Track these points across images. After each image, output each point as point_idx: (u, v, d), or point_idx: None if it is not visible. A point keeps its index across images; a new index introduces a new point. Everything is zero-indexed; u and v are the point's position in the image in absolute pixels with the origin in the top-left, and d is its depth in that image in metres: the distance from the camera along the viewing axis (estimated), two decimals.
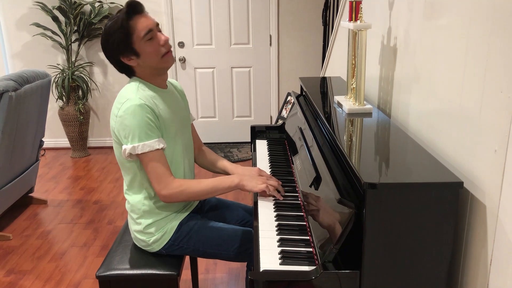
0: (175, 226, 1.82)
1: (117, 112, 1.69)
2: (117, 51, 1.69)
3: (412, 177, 1.25)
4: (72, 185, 4.06)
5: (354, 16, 1.78)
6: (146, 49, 1.68)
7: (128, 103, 1.66)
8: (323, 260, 1.28)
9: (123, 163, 1.78)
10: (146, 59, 1.70)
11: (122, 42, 1.66)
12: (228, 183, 1.76)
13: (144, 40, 1.67)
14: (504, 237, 1.12)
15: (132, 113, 1.64)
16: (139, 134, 1.65)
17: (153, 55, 1.69)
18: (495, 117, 1.15)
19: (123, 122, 1.66)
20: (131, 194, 1.84)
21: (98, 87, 4.86)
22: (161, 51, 1.70)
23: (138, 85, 1.74)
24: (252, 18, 4.75)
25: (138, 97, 1.68)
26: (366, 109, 1.84)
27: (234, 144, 5.02)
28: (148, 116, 1.66)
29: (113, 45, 1.68)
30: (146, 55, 1.69)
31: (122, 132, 1.68)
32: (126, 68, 1.76)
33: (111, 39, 1.67)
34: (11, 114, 2.90)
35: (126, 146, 1.68)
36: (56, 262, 2.86)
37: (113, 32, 1.66)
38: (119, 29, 1.65)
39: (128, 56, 1.70)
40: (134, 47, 1.68)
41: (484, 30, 1.20)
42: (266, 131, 2.54)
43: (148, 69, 1.74)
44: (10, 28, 4.69)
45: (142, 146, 1.66)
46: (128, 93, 1.71)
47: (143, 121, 1.65)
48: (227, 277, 2.68)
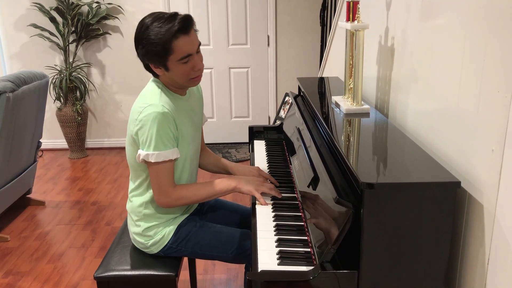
0: (173, 229, 1.82)
1: (138, 115, 1.66)
2: (148, 58, 1.66)
3: (410, 177, 1.25)
4: (70, 186, 4.06)
5: (352, 16, 1.78)
6: (178, 69, 1.65)
7: (151, 109, 1.64)
8: (321, 260, 1.28)
9: (133, 165, 1.78)
10: (174, 76, 1.68)
11: (157, 55, 1.62)
12: (225, 187, 1.77)
13: (179, 62, 1.64)
14: (502, 236, 1.12)
15: (154, 120, 1.62)
16: (156, 142, 1.64)
17: (182, 76, 1.67)
18: (492, 116, 1.15)
19: (143, 127, 1.65)
20: (135, 195, 1.83)
21: (96, 88, 4.85)
22: (190, 75, 1.68)
23: (160, 90, 1.71)
24: (250, 19, 4.76)
25: (161, 104, 1.65)
26: (364, 109, 1.84)
27: (232, 145, 5.02)
28: (169, 126, 1.65)
29: (148, 52, 1.63)
30: (175, 73, 1.66)
31: (141, 137, 1.66)
32: (151, 71, 1.73)
33: (148, 46, 1.62)
34: (8, 115, 2.90)
35: (141, 152, 1.67)
36: (54, 263, 2.85)
37: (153, 42, 1.60)
38: (160, 44, 1.59)
39: (157, 66, 1.67)
40: (167, 63, 1.64)
41: (481, 30, 1.21)
42: (264, 131, 2.54)
43: (172, 82, 1.72)
44: (7, 29, 4.69)
45: (157, 155, 1.65)
46: (151, 97, 1.68)
47: (163, 130, 1.64)
48: (226, 277, 2.68)
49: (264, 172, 1.93)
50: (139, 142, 1.68)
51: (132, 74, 4.84)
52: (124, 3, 4.64)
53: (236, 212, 2.08)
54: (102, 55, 4.79)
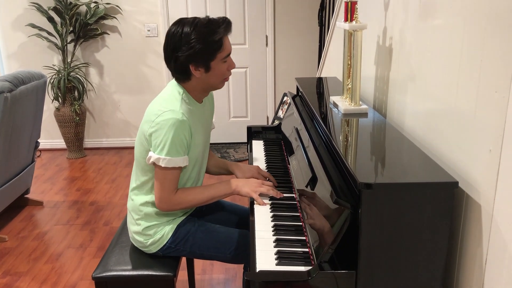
0: (172, 229, 1.82)
1: (155, 118, 1.66)
2: (193, 58, 1.64)
3: (408, 177, 1.26)
4: (68, 186, 4.05)
5: (350, 16, 1.78)
6: (218, 68, 1.68)
7: (170, 115, 1.63)
8: (319, 260, 1.28)
9: (141, 163, 1.78)
10: (212, 76, 1.69)
11: (206, 53, 1.63)
12: (224, 190, 1.79)
13: (222, 61, 1.68)
14: (499, 236, 1.13)
15: (172, 126, 1.63)
16: (170, 148, 1.64)
17: (219, 75, 1.70)
18: (490, 117, 1.15)
19: (158, 131, 1.65)
20: (138, 194, 1.83)
21: (94, 88, 4.85)
22: (225, 75, 1.72)
23: (181, 97, 1.71)
24: (248, 19, 4.76)
25: (181, 111, 1.66)
26: (362, 109, 1.84)
27: (231, 145, 5.02)
28: (185, 134, 1.66)
29: (195, 52, 1.62)
30: (215, 73, 1.69)
31: (155, 139, 1.66)
32: (182, 75, 1.71)
33: (196, 46, 1.61)
34: (6, 115, 2.89)
35: (152, 154, 1.67)
36: (52, 263, 2.85)
37: (206, 40, 1.61)
38: (214, 41, 1.62)
39: (198, 67, 1.66)
40: (211, 63, 1.66)
41: (479, 31, 1.21)
42: (262, 131, 2.54)
43: (204, 84, 1.73)
44: (5, 29, 4.68)
45: (168, 161, 1.65)
46: (173, 103, 1.68)
47: (178, 138, 1.64)
48: (224, 277, 2.68)
49: (264, 171, 1.93)
50: (151, 144, 1.68)
51: (130, 74, 4.83)
52: (122, 3, 4.64)
53: (234, 212, 2.08)
54: (100, 55, 4.78)
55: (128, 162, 4.58)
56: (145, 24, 4.70)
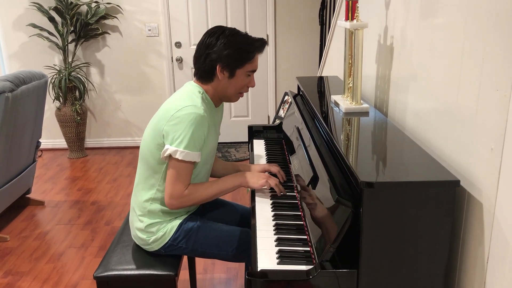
0: (175, 227, 1.83)
1: (174, 112, 1.68)
2: (223, 59, 1.72)
3: (409, 176, 1.26)
4: (69, 186, 4.06)
5: (351, 15, 1.78)
6: (240, 79, 1.77)
7: (192, 109, 1.67)
8: (320, 259, 1.28)
9: (148, 159, 1.78)
10: (232, 85, 1.77)
11: (236, 59, 1.72)
12: (232, 183, 1.81)
13: (246, 73, 1.77)
14: (501, 235, 1.12)
15: (193, 120, 1.66)
16: (188, 141, 1.66)
17: (239, 87, 1.79)
18: (491, 115, 1.15)
19: (179, 124, 1.67)
20: (141, 190, 1.84)
21: (95, 88, 4.85)
22: (243, 89, 1.81)
23: (201, 95, 1.76)
24: (249, 18, 4.75)
25: (203, 108, 1.70)
26: (363, 108, 1.84)
27: (232, 144, 5.02)
28: (204, 130, 1.70)
29: (227, 55, 1.71)
30: (236, 82, 1.77)
31: (173, 133, 1.67)
32: (206, 74, 1.77)
33: (231, 50, 1.71)
34: (7, 115, 2.90)
35: (169, 147, 1.68)
36: (54, 263, 2.85)
37: (240, 47, 1.72)
38: (248, 52, 1.73)
39: (224, 70, 1.74)
40: (237, 70, 1.74)
41: (480, 29, 1.21)
42: (263, 131, 2.54)
43: (221, 91, 1.79)
44: (6, 29, 4.68)
45: (186, 154, 1.67)
46: (194, 99, 1.72)
47: (197, 133, 1.68)
48: (225, 277, 2.68)
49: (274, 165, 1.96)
50: (167, 138, 1.69)
51: (131, 73, 4.84)
52: (123, 3, 4.64)
53: (235, 211, 2.08)
54: (101, 54, 4.78)
55: (129, 162, 4.58)
56: (146, 23, 4.70)
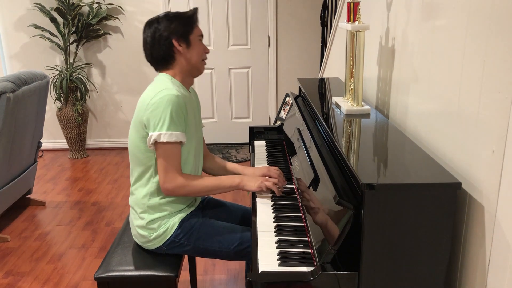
0: (176, 223, 1.83)
1: (149, 100, 1.73)
2: (175, 32, 1.79)
3: (410, 178, 1.25)
4: (70, 186, 4.06)
5: (352, 17, 1.78)
6: (196, 46, 1.84)
7: (166, 92, 1.72)
8: (321, 261, 1.28)
9: (136, 155, 1.80)
10: (193, 53, 1.83)
11: (185, 26, 1.80)
12: (230, 182, 1.82)
13: (198, 38, 1.84)
14: (502, 237, 1.12)
15: (168, 101, 1.70)
16: (169, 122, 1.70)
17: (198, 54, 1.84)
18: (493, 117, 1.15)
19: (156, 109, 1.71)
20: (138, 187, 1.85)
21: (96, 88, 4.86)
22: (203, 56, 1.87)
23: (171, 79, 1.82)
24: (250, 19, 4.76)
25: (175, 89, 1.75)
26: (364, 110, 1.84)
27: (233, 145, 5.02)
28: (182, 109, 1.73)
29: (175, 26, 1.79)
30: (195, 50, 1.83)
31: (153, 119, 1.71)
32: (167, 56, 1.82)
33: (175, 22, 1.79)
34: (9, 116, 2.90)
35: (153, 133, 1.72)
36: (54, 263, 2.85)
37: (180, 17, 1.80)
38: (187, 18, 1.81)
39: (180, 41, 1.80)
40: (190, 37, 1.81)
41: (482, 31, 1.21)
42: (264, 132, 2.54)
43: (187, 64, 1.83)
44: (8, 29, 4.69)
45: (170, 135, 1.70)
46: (164, 84, 1.78)
47: (176, 112, 1.71)
48: (226, 278, 2.68)
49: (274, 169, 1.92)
50: (149, 126, 1.73)
51: (133, 74, 4.84)
52: (124, 4, 4.64)
53: (236, 212, 2.08)
54: (103, 55, 4.79)
55: None
56: None
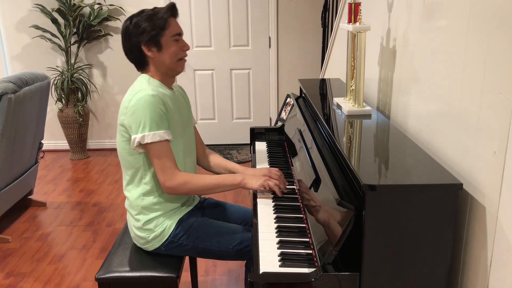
0: (174, 223, 1.83)
1: (128, 103, 1.73)
2: (143, 38, 1.74)
3: (412, 179, 1.25)
4: (71, 187, 4.06)
5: (353, 18, 1.78)
6: (170, 47, 1.77)
7: (141, 94, 1.71)
8: (322, 262, 1.28)
9: (125, 158, 1.81)
10: (165, 55, 1.77)
11: (153, 30, 1.73)
12: (231, 181, 1.81)
13: (172, 39, 1.76)
14: (504, 238, 1.12)
15: (145, 102, 1.69)
16: (150, 123, 1.70)
17: (173, 54, 1.78)
18: (494, 118, 1.15)
19: (135, 112, 1.70)
20: (130, 190, 1.85)
21: (97, 89, 4.86)
22: (179, 54, 1.80)
23: (148, 79, 1.81)
24: (251, 20, 4.76)
25: (151, 88, 1.74)
26: (365, 110, 1.84)
27: (234, 146, 5.02)
28: (160, 107, 1.72)
29: (143, 31, 1.73)
30: (167, 52, 1.77)
31: (134, 122, 1.71)
32: (140, 60, 1.81)
33: (144, 25, 1.73)
34: (10, 117, 2.90)
35: (135, 136, 1.71)
36: (55, 264, 2.85)
37: (150, 19, 1.73)
38: (158, 19, 1.74)
39: (150, 46, 1.76)
40: (161, 40, 1.75)
41: (483, 32, 1.20)
42: (265, 133, 2.54)
43: (161, 67, 1.80)
44: (9, 30, 4.69)
45: (153, 135, 1.70)
46: (140, 85, 1.77)
47: (155, 111, 1.70)
48: (227, 279, 2.68)
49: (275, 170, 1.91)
50: (131, 130, 1.73)
51: (134, 75, 4.82)
52: (125, 5, 4.65)
53: (237, 213, 2.08)
54: (104, 56, 4.79)
55: None
56: None
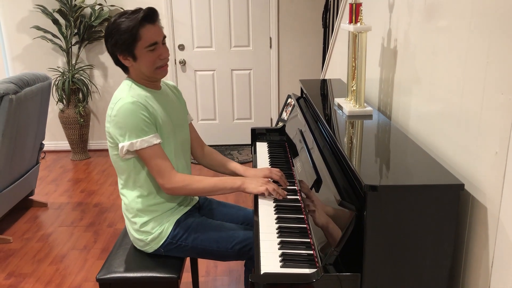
0: (172, 224, 1.83)
1: (111, 112, 1.73)
2: (117, 48, 1.73)
3: (413, 179, 1.25)
4: (72, 187, 4.06)
5: (354, 18, 1.78)
6: (145, 57, 1.73)
7: (121, 102, 1.70)
8: (324, 263, 1.27)
9: (118, 163, 1.80)
10: (142, 65, 1.74)
11: (125, 43, 1.70)
12: (231, 184, 1.79)
13: (146, 50, 1.71)
14: (506, 239, 1.12)
15: (126, 111, 1.68)
16: (136, 131, 1.69)
17: (149, 64, 1.74)
18: (496, 118, 1.15)
19: (118, 122, 1.70)
20: (125, 194, 1.85)
21: (98, 90, 4.86)
22: (157, 63, 1.75)
23: (130, 85, 1.79)
24: (252, 21, 4.76)
25: (130, 95, 1.72)
26: (367, 111, 1.84)
27: (235, 147, 5.02)
28: (142, 112, 1.70)
29: (116, 42, 1.71)
30: (143, 62, 1.74)
31: (118, 131, 1.70)
32: (121, 66, 1.81)
33: (116, 35, 1.70)
34: (11, 117, 2.90)
35: (123, 144, 1.71)
36: (57, 265, 2.85)
37: (122, 31, 1.69)
38: (128, 31, 1.68)
39: (125, 56, 1.74)
40: (134, 51, 1.72)
41: (484, 32, 1.20)
42: (266, 133, 2.54)
43: (140, 74, 1.78)
44: (10, 31, 4.70)
45: (141, 142, 1.69)
46: (120, 93, 1.76)
47: (138, 118, 1.69)
48: (228, 279, 2.68)
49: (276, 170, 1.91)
50: (117, 139, 1.72)
51: None
52: (126, 5, 4.65)
53: (238, 213, 2.07)
54: (105, 57, 4.79)
55: None
56: None
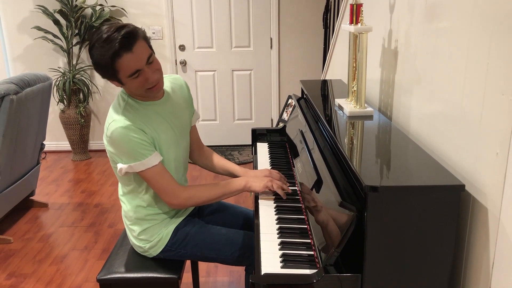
0: (170, 232, 1.81)
1: (106, 130, 1.67)
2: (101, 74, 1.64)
3: (414, 180, 1.25)
4: (73, 188, 4.06)
5: (355, 19, 1.78)
6: (131, 84, 1.62)
7: (114, 125, 1.62)
8: (324, 263, 1.27)
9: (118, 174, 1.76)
10: (131, 88, 1.65)
11: (105, 74, 1.61)
12: (236, 186, 1.78)
13: (129, 78, 1.60)
14: (506, 240, 1.12)
15: (119, 136, 1.61)
16: (133, 155, 1.64)
17: (138, 89, 1.63)
18: (497, 119, 1.14)
19: (113, 144, 1.65)
20: (124, 201, 1.84)
21: (99, 90, 4.86)
22: (146, 86, 1.63)
23: (126, 100, 1.70)
24: (252, 21, 4.76)
25: (123, 117, 1.63)
26: (367, 111, 1.84)
27: (235, 147, 5.02)
28: (137, 136, 1.62)
29: (97, 70, 1.62)
30: (131, 87, 1.64)
31: (115, 154, 1.67)
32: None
33: (95, 66, 1.61)
34: (12, 118, 2.91)
35: (122, 166, 1.66)
36: (57, 265, 2.85)
37: (98, 63, 1.58)
38: (104, 66, 1.57)
39: (112, 80, 1.64)
40: (119, 79, 1.61)
41: (485, 32, 1.20)
42: (267, 134, 2.54)
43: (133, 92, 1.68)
44: (11, 31, 4.70)
45: (140, 164, 1.65)
46: (114, 113, 1.67)
47: (132, 143, 1.62)
48: (228, 280, 2.68)
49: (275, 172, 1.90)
50: (115, 158, 1.69)
51: None
52: (127, 6, 4.65)
53: (238, 214, 2.07)
54: None
55: None
56: (150, 26, 4.71)
